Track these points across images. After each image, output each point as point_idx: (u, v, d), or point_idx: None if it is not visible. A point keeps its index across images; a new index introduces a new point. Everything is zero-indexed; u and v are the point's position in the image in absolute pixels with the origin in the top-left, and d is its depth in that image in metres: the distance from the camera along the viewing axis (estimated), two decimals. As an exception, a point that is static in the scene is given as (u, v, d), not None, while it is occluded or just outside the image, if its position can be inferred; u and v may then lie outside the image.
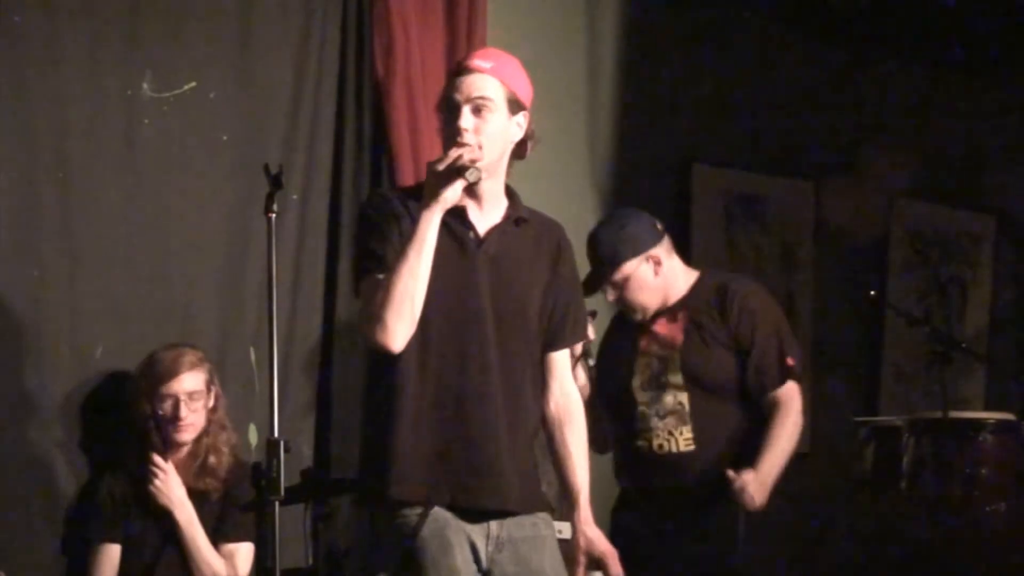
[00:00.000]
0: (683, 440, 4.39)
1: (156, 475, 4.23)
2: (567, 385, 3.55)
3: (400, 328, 3.24)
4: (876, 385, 6.71)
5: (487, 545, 3.35)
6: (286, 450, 3.48)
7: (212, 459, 4.28)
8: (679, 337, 4.44)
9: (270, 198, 3.62)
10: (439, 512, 3.29)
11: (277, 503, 3.48)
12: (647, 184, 5.84)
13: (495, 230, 3.41)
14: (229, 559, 4.25)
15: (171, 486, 4.23)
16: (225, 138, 4.69)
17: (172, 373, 4.25)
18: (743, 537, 4.26)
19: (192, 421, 4.27)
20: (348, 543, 4.60)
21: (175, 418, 4.25)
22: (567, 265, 3.52)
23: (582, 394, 3.85)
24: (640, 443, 4.39)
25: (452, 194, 3.26)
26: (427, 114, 4.92)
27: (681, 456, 4.38)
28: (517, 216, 3.45)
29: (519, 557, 3.36)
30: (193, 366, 4.28)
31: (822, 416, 6.38)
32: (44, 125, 4.38)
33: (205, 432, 4.30)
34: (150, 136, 4.55)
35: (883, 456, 4.95)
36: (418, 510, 3.27)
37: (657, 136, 5.89)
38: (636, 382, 4.43)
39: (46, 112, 4.38)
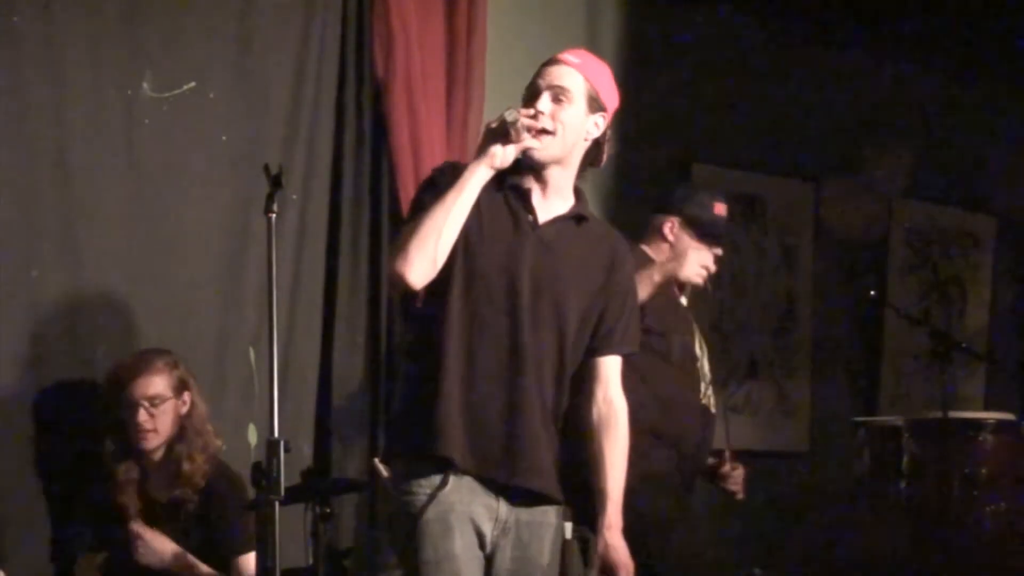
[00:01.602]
0: (712, 402, 4.56)
1: (136, 545, 4.17)
2: (612, 392, 3.56)
3: (419, 262, 3.29)
4: (876, 385, 6.71)
5: (493, 529, 3.38)
6: (286, 450, 3.48)
7: (186, 467, 4.20)
8: (688, 311, 4.59)
9: (270, 198, 3.61)
10: (446, 495, 3.32)
11: (277, 503, 3.47)
12: (647, 184, 5.83)
13: (555, 221, 3.47)
14: (230, 574, 4.23)
15: (153, 550, 4.18)
16: (225, 138, 4.69)
17: (131, 377, 4.19)
18: None
19: (154, 427, 4.19)
20: (348, 543, 4.60)
21: (134, 425, 4.18)
22: (623, 273, 3.55)
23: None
24: (703, 402, 4.51)
25: (501, 152, 3.35)
26: (427, 114, 4.92)
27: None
28: (579, 213, 3.51)
29: (520, 542, 3.40)
30: (157, 370, 4.20)
31: (822, 416, 6.39)
32: (44, 125, 4.38)
33: (178, 439, 4.22)
34: (150, 136, 4.55)
35: (883, 456, 4.95)
36: (427, 490, 3.32)
37: (657, 136, 5.88)
38: (697, 346, 4.52)
39: (46, 112, 4.38)
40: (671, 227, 4.51)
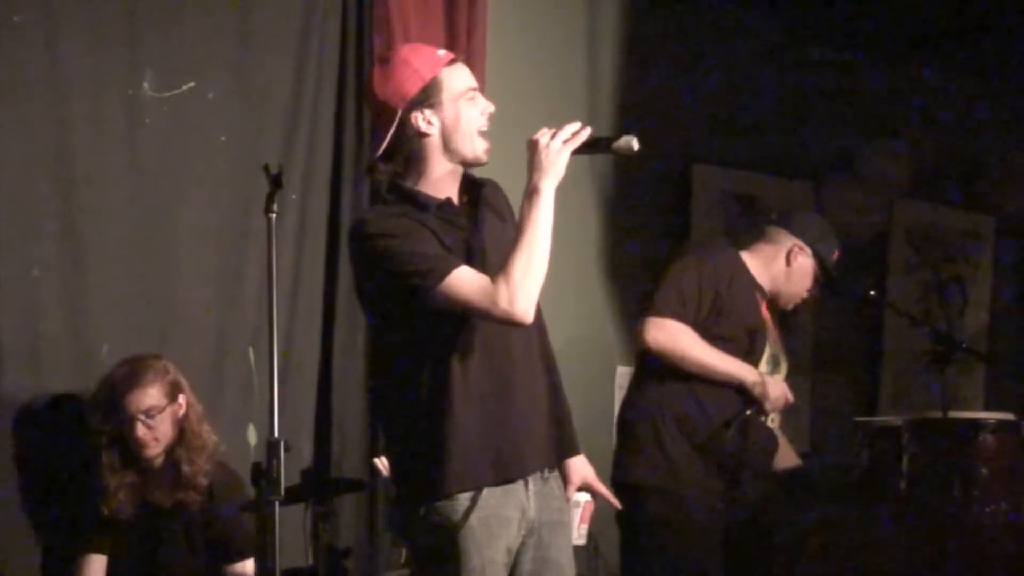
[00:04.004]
0: (777, 419, 4.68)
1: None
2: None
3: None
4: (876, 385, 6.71)
5: (521, 530, 3.37)
6: (286, 450, 3.48)
7: (186, 469, 4.18)
8: (775, 328, 4.69)
9: (270, 198, 3.61)
10: (485, 500, 3.30)
11: (277, 503, 3.48)
12: (647, 184, 5.84)
13: (469, 201, 3.44)
14: None
15: None
16: (225, 138, 4.69)
17: (124, 391, 4.16)
18: None
19: (154, 437, 4.17)
20: (348, 543, 4.60)
21: (135, 439, 4.17)
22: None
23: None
24: (762, 417, 4.60)
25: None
26: (427, 114, 4.91)
27: (773, 434, 4.67)
28: (472, 180, 3.47)
29: (541, 543, 3.40)
30: (149, 381, 4.17)
31: (822, 416, 6.39)
32: (45, 125, 4.39)
33: (177, 442, 4.21)
34: (150, 136, 4.55)
35: (883, 456, 4.94)
36: (469, 494, 3.29)
37: (657, 136, 5.88)
38: (766, 356, 4.60)
39: (46, 112, 4.39)
40: (797, 253, 4.66)
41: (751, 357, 4.54)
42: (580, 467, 3.60)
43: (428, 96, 3.35)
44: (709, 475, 4.47)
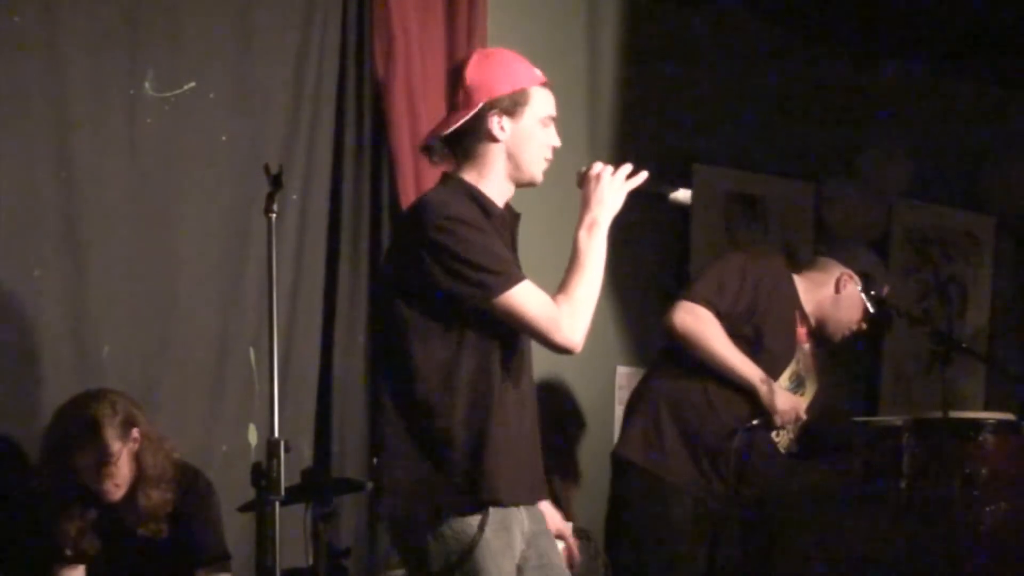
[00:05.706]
0: (792, 443, 4.69)
1: None
2: None
3: None
4: (876, 385, 6.71)
5: (521, 542, 3.41)
6: (286, 450, 3.48)
7: (143, 503, 4.10)
8: (811, 354, 4.75)
9: (270, 198, 3.61)
10: (492, 516, 3.31)
11: (277, 503, 3.48)
12: (647, 184, 5.82)
13: (515, 223, 3.49)
14: None
15: None
16: (225, 138, 4.69)
17: (76, 445, 4.03)
18: None
19: (115, 483, 4.08)
20: (348, 543, 4.60)
21: (95, 489, 4.07)
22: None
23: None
24: (773, 431, 4.62)
25: None
26: (427, 114, 4.92)
27: (786, 456, 4.69)
28: (515, 212, 3.54)
29: (540, 551, 3.45)
30: (102, 427, 4.04)
31: (822, 416, 6.38)
32: (45, 125, 4.39)
33: (137, 476, 4.11)
34: (151, 136, 4.55)
35: (883, 456, 4.94)
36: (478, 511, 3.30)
37: (657, 136, 5.88)
38: (787, 372, 4.63)
39: (47, 112, 4.39)
40: (846, 281, 4.78)
41: (770, 370, 4.55)
42: (550, 513, 3.64)
43: (513, 103, 3.38)
44: (702, 472, 4.48)
